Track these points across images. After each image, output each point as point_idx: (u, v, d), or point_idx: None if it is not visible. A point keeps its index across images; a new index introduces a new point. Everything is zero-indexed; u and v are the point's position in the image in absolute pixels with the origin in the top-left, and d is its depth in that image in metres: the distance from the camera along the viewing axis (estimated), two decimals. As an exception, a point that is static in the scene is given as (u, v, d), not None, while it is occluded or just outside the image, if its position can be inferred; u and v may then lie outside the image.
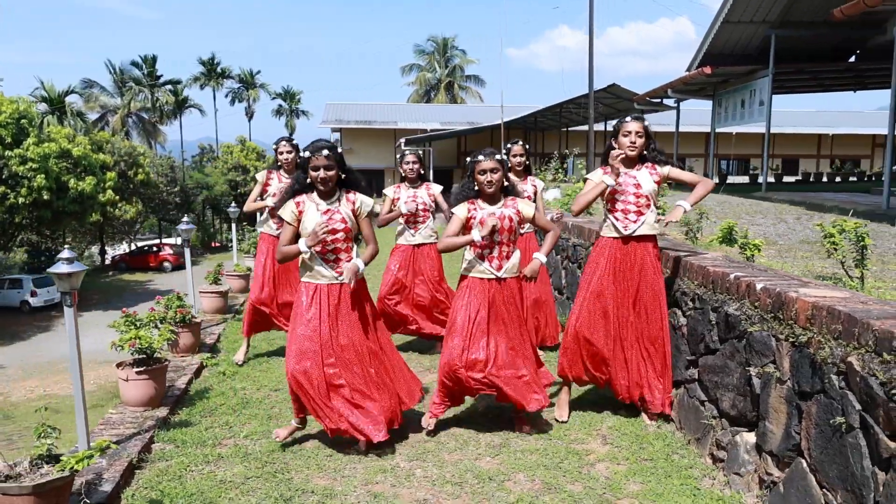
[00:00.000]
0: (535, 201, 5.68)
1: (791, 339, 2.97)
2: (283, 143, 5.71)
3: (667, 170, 4.18)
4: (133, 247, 41.12)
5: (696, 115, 29.58)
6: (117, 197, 30.59)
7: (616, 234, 4.14)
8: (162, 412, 4.39)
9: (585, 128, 26.75)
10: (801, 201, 11.42)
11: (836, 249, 3.97)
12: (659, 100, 20.04)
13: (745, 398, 3.34)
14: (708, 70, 13.95)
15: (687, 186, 4.29)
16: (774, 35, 13.05)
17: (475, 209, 3.97)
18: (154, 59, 48.96)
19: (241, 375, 5.37)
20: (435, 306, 5.83)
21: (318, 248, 3.70)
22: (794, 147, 37.39)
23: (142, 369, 4.32)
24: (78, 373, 3.48)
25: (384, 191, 5.93)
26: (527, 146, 5.91)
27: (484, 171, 3.91)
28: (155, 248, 37.38)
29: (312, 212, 3.73)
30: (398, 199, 5.77)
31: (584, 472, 3.59)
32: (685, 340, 4.03)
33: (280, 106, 55.76)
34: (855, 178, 26.51)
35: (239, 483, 3.50)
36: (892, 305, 2.77)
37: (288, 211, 3.76)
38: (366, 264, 3.85)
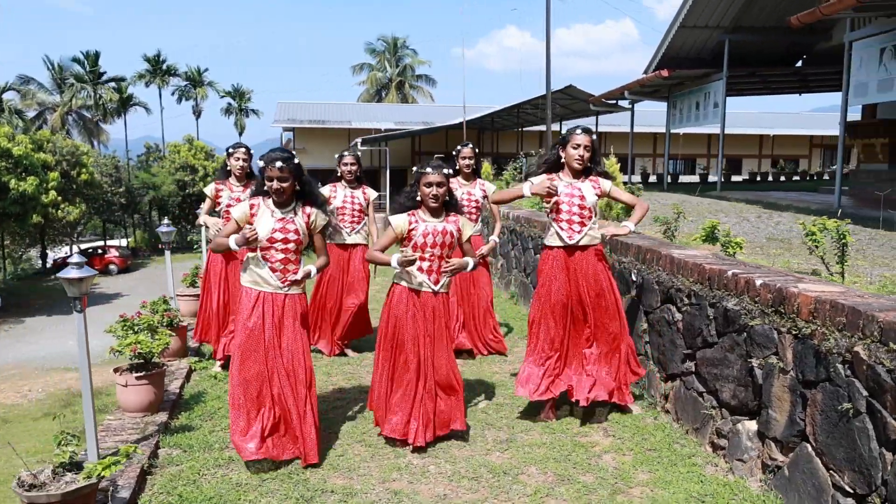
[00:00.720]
0: (479, 206, 5.86)
1: (794, 332, 3.15)
2: (241, 149, 5.53)
3: (608, 187, 4.33)
4: (76, 249, 39.73)
5: (649, 116, 30.36)
6: (60, 198, 29.54)
7: (561, 244, 4.27)
8: (162, 417, 4.34)
9: (541, 128, 27.14)
10: (756, 200, 11.90)
11: (817, 246, 4.21)
12: (614, 101, 20.49)
13: (746, 388, 3.52)
14: (665, 73, 14.39)
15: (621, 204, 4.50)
16: (728, 40, 13.55)
17: (416, 221, 3.93)
18: (97, 55, 47.37)
19: (234, 378, 5.33)
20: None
21: (264, 254, 3.71)
22: (738, 147, 38.65)
23: (142, 374, 4.26)
24: (88, 379, 3.42)
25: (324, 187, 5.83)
26: (476, 149, 6.07)
27: (430, 185, 3.89)
28: (100, 251, 36.19)
29: (266, 217, 3.74)
30: (333, 198, 5.83)
31: (592, 463, 3.72)
32: (681, 335, 4.21)
33: (229, 104, 54.63)
34: (798, 178, 27.68)
35: (255, 485, 3.50)
36: (888, 299, 2.98)
37: (239, 211, 3.79)
38: (317, 272, 3.95)
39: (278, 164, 3.66)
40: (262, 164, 3.70)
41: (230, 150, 5.58)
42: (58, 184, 29.24)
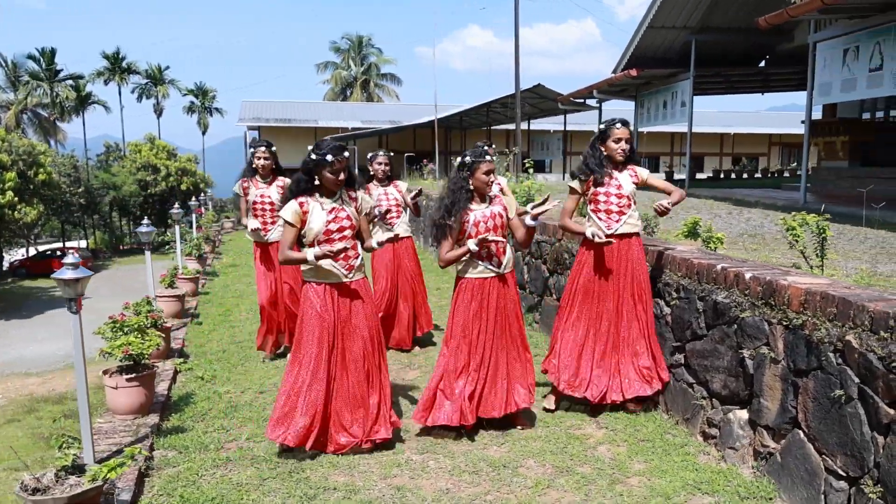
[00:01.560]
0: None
1: (784, 323, 3.27)
2: (262, 148, 5.73)
3: (646, 175, 4.43)
4: (32, 251, 38.65)
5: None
6: (16, 199, 28.71)
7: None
8: (153, 419, 4.28)
9: (510, 126, 27.35)
10: (724, 197, 12.20)
11: (797, 240, 4.36)
12: (582, 100, 20.75)
13: (737, 378, 3.64)
14: (634, 72, 14.63)
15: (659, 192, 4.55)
16: (695, 40, 13.83)
17: (467, 212, 4.00)
18: (53, 52, 46.13)
19: (221, 379, 5.29)
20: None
21: (323, 247, 3.69)
22: (700, 146, 39.45)
23: (132, 376, 4.21)
24: (83, 381, 3.37)
25: None
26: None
27: (489, 172, 3.96)
28: (59, 253, 35.27)
29: (318, 212, 3.75)
30: None
31: (588, 454, 3.80)
32: (670, 328, 4.32)
33: (192, 103, 53.72)
34: (760, 175, 28.38)
35: (257, 485, 3.49)
36: (874, 290, 3.11)
37: (290, 211, 3.74)
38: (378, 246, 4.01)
39: (346, 153, 3.70)
40: (329, 157, 3.65)
41: (252, 150, 5.80)
42: (14, 184, 28.44)
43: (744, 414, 3.61)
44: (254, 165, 5.70)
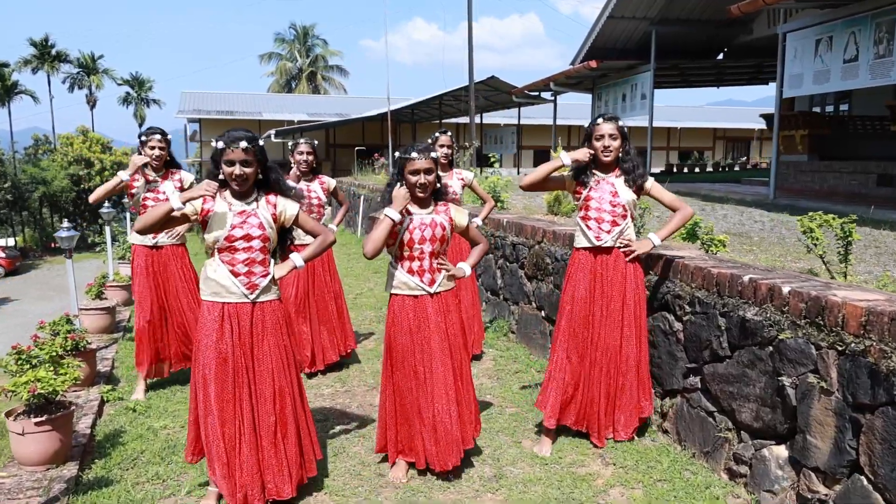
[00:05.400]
0: (458, 200, 5.29)
1: (839, 348, 2.76)
2: (156, 136, 4.72)
3: (650, 184, 3.84)
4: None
5: (569, 109, 30.58)
6: (-64, 195, 26.72)
7: (588, 245, 3.79)
8: (71, 469, 3.51)
9: (464, 119, 26.76)
10: (690, 192, 11.88)
11: (815, 244, 3.89)
12: (537, 93, 20.34)
13: (773, 409, 3.12)
14: (594, 63, 14.24)
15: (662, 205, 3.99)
16: (655, 31, 13.51)
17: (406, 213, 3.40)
18: (-26, 38, 43.28)
19: (157, 411, 4.51)
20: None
21: (223, 257, 3.03)
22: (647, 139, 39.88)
23: (43, 419, 3.43)
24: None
25: None
26: (453, 136, 5.45)
27: (417, 172, 3.33)
28: (-18, 252, 33.10)
29: (222, 212, 3.05)
30: None
31: (600, 501, 3.23)
32: (682, 347, 3.78)
33: (128, 94, 51.28)
34: (710, 169, 28.62)
35: (200, 559, 2.79)
36: (948, 308, 2.62)
37: (189, 204, 3.04)
38: (317, 255, 3.32)
39: (243, 144, 2.97)
40: (220, 145, 2.97)
41: (142, 138, 4.74)
42: (-69, 179, 26.44)
43: (782, 451, 3.10)
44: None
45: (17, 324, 18.25)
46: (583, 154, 3.71)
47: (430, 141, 5.12)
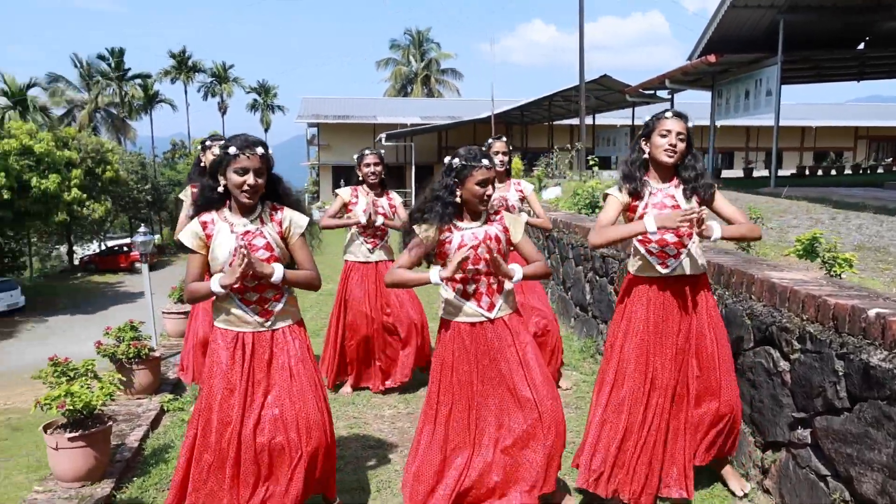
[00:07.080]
0: (520, 210, 4.74)
1: None
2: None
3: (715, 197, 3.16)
4: (103, 246, 39.63)
5: (687, 108, 28.90)
6: (84, 195, 29.23)
7: (652, 274, 3.15)
8: (104, 488, 3.38)
9: (573, 121, 25.95)
10: (820, 198, 10.62)
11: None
12: (652, 91, 19.24)
13: (905, 485, 2.43)
14: (713, 58, 13.13)
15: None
16: (783, 20, 12.25)
17: (450, 231, 2.92)
18: (121, 51, 47.21)
19: (211, 425, 4.36)
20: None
21: (236, 286, 2.66)
22: (780, 140, 37.07)
23: (76, 434, 3.31)
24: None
25: (337, 190, 4.85)
26: (509, 143, 4.91)
27: (486, 183, 2.87)
28: (126, 248, 35.99)
29: (225, 234, 2.69)
30: (354, 204, 4.76)
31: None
32: (788, 392, 3.11)
33: (255, 100, 54.22)
34: (850, 171, 26.04)
35: None
36: None
37: (189, 234, 2.71)
38: (295, 285, 2.81)
39: (260, 149, 2.65)
40: (232, 150, 2.61)
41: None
42: (81, 181, 28.91)
43: (917, 540, 2.40)
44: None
45: (145, 315, 19.70)
46: (672, 222, 2.90)
47: (483, 147, 4.64)
